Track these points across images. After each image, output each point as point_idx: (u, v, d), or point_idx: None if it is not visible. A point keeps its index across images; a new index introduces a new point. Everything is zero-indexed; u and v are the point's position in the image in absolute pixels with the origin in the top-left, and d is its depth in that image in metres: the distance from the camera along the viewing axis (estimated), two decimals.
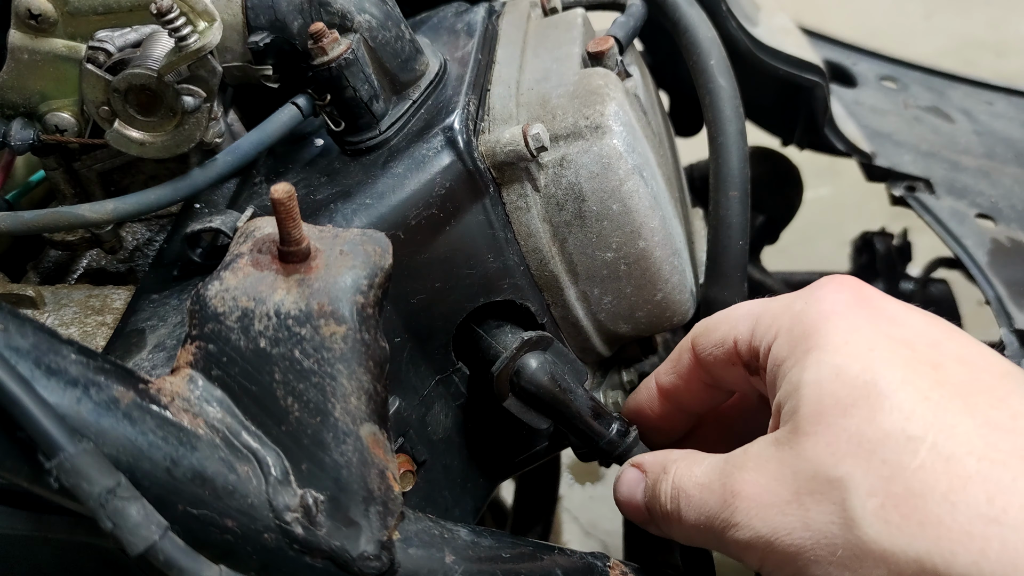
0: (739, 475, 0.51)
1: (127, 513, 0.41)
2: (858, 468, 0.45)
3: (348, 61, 0.63)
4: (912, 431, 0.45)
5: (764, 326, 0.55)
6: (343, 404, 0.49)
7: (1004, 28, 3.07)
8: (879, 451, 0.45)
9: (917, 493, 0.44)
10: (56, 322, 0.64)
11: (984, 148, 1.07)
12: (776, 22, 1.02)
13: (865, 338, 0.49)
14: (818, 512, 0.47)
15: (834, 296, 0.52)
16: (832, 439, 0.47)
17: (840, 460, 0.46)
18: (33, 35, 0.60)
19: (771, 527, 0.48)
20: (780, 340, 0.53)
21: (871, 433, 0.46)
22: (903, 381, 0.47)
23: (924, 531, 0.43)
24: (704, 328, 0.61)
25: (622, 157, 0.64)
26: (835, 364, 0.49)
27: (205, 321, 0.50)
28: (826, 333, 0.50)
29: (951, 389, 0.46)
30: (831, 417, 0.47)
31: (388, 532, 0.50)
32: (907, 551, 0.43)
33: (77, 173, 0.69)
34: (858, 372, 0.48)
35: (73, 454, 0.41)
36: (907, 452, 0.44)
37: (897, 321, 0.51)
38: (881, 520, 0.44)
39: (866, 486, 0.45)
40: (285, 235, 0.50)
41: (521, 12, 0.82)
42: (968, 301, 1.25)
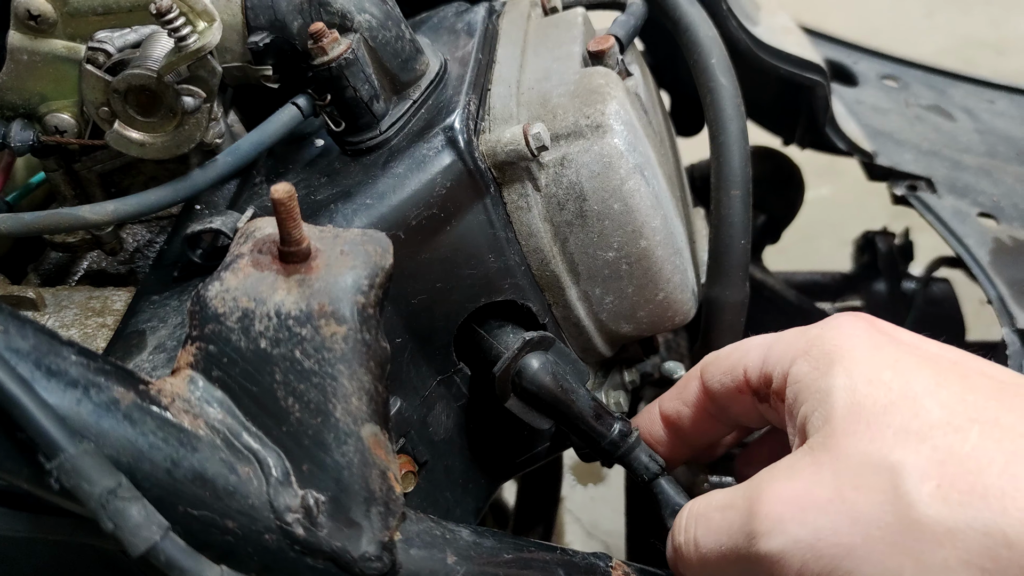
0: (767, 487, 0.49)
1: (128, 514, 0.41)
2: (908, 456, 0.45)
3: (348, 61, 0.63)
4: (957, 422, 0.45)
5: (778, 352, 0.55)
6: (344, 404, 0.49)
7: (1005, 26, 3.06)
8: (928, 440, 0.45)
9: (974, 471, 0.43)
10: (57, 324, 0.64)
11: (986, 147, 1.07)
12: (777, 21, 1.02)
13: (890, 353, 0.50)
14: (868, 504, 0.45)
15: (851, 323, 0.53)
16: (876, 434, 0.46)
17: (889, 451, 0.45)
18: (32, 36, 0.60)
19: (812, 529, 0.46)
20: (799, 362, 0.52)
21: (917, 426, 0.46)
22: (937, 385, 0.47)
23: (988, 503, 0.43)
24: (714, 358, 0.61)
25: (623, 156, 0.64)
26: (865, 372, 0.49)
27: (205, 322, 0.50)
28: (850, 350, 0.50)
29: (983, 393, 0.47)
30: (871, 416, 0.47)
31: (389, 533, 0.50)
32: (972, 525, 0.43)
33: (77, 174, 0.68)
34: (891, 378, 0.48)
35: (74, 455, 0.41)
36: (956, 439, 0.45)
37: (916, 343, 0.51)
38: (940, 500, 0.43)
39: (919, 471, 0.44)
40: (285, 235, 0.50)
41: (521, 11, 0.82)
42: (970, 300, 1.25)
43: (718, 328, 0.76)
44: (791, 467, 0.49)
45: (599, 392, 0.75)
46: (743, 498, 0.51)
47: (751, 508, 0.49)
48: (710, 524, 0.52)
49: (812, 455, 0.49)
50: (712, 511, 0.53)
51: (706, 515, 0.53)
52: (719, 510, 0.52)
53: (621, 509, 1.01)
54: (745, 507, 0.50)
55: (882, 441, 0.46)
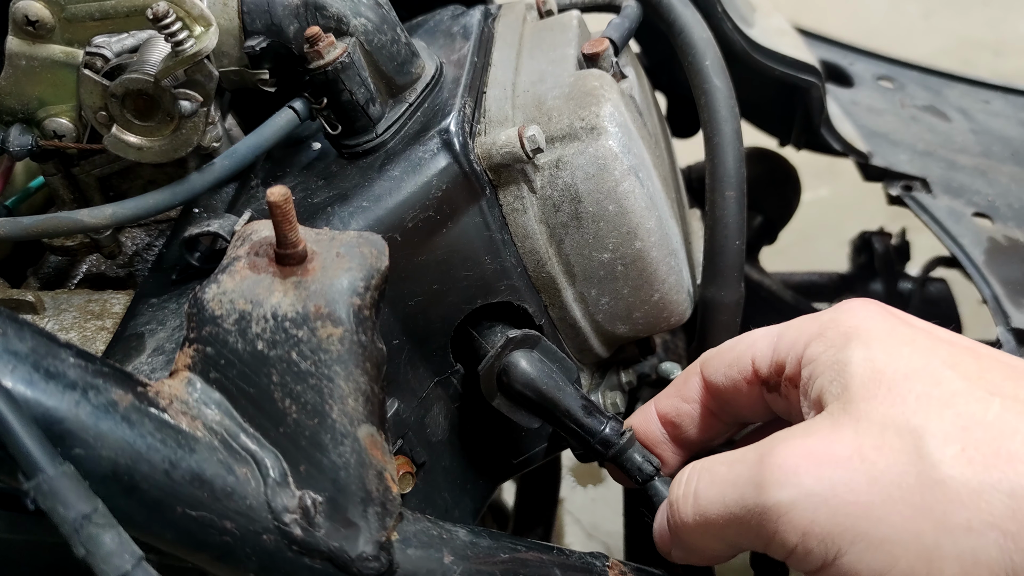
0: (781, 443, 0.48)
1: (101, 540, 0.41)
2: (931, 421, 0.45)
3: (344, 65, 0.63)
4: (978, 393, 0.46)
5: (791, 339, 0.55)
6: (340, 406, 0.49)
7: (1002, 28, 3.07)
8: (951, 406, 0.45)
9: (998, 436, 0.44)
10: (56, 327, 0.64)
11: (981, 147, 1.07)
12: (771, 23, 1.03)
13: (905, 333, 0.50)
14: (889, 464, 0.45)
15: (864, 307, 0.53)
16: (897, 398, 0.46)
17: (911, 414, 0.45)
18: (31, 41, 0.61)
19: (828, 483, 0.45)
20: (815, 344, 0.52)
21: (939, 394, 0.46)
22: (954, 362, 0.47)
23: (1014, 467, 0.43)
24: (716, 352, 0.60)
25: (618, 158, 0.64)
26: (885, 346, 0.49)
27: (203, 324, 0.50)
28: (866, 330, 0.50)
29: (999, 373, 0.47)
30: (892, 382, 0.47)
31: (387, 533, 0.50)
32: (998, 487, 0.43)
33: (76, 178, 0.69)
34: (908, 353, 0.48)
35: (52, 476, 0.41)
36: (979, 408, 0.45)
37: (928, 328, 0.52)
38: (964, 462, 0.43)
39: (942, 434, 0.44)
40: (281, 238, 0.50)
41: (517, 14, 0.82)
42: (967, 301, 1.26)
43: (714, 328, 0.76)
44: (808, 427, 0.49)
45: (595, 393, 0.76)
46: (754, 451, 0.50)
47: (762, 460, 0.48)
48: (715, 476, 0.51)
49: (831, 418, 0.48)
50: (718, 464, 0.52)
51: (711, 468, 0.52)
52: (726, 464, 0.51)
53: (621, 510, 1.01)
54: (755, 459, 0.49)
55: (904, 405, 0.46)
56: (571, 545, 1.70)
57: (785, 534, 0.46)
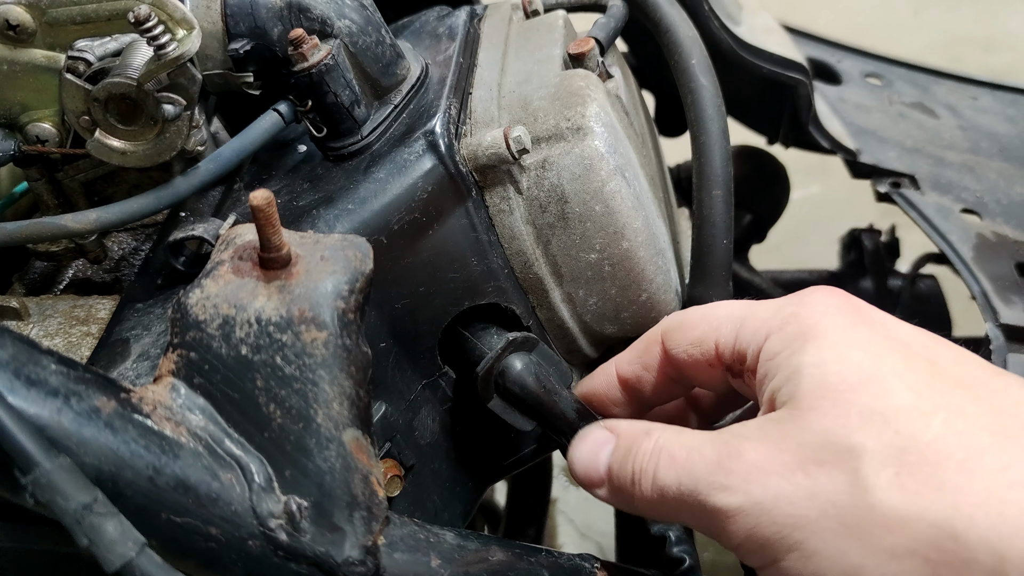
0: (736, 441, 0.50)
1: (103, 529, 0.41)
2: (870, 438, 0.45)
3: (328, 67, 0.63)
4: (924, 407, 0.46)
5: (752, 329, 0.55)
6: (325, 410, 0.49)
7: (992, 24, 3.08)
8: (892, 423, 0.45)
9: (933, 462, 0.44)
10: (41, 333, 0.64)
11: (969, 143, 1.08)
12: (759, 21, 1.03)
13: (862, 334, 0.50)
14: (827, 481, 0.46)
15: (825, 300, 0.53)
16: (841, 412, 0.47)
17: (852, 431, 0.46)
18: (11, 46, 0.60)
19: (772, 494, 0.47)
20: (773, 339, 0.53)
21: (882, 406, 0.46)
22: (906, 369, 0.48)
23: (942, 496, 0.43)
24: (678, 324, 0.60)
25: (604, 158, 0.64)
26: (836, 351, 0.49)
27: (186, 329, 0.50)
28: (824, 328, 0.50)
29: (950, 381, 0.47)
30: (838, 393, 0.47)
31: (373, 537, 0.50)
32: (924, 516, 0.43)
33: (60, 183, 0.68)
34: (861, 357, 0.48)
35: (49, 470, 0.41)
36: (920, 425, 0.45)
37: (889, 324, 0.52)
38: (896, 488, 0.44)
39: (879, 456, 0.45)
40: (265, 241, 0.50)
41: (503, 15, 0.82)
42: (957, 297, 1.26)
43: None
44: (761, 429, 0.50)
45: None
46: (712, 446, 0.51)
47: (720, 460, 0.50)
48: (674, 460, 0.52)
49: (780, 426, 0.49)
50: (677, 447, 0.52)
51: (671, 451, 0.53)
52: (686, 450, 0.52)
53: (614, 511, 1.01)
54: (714, 457, 0.50)
55: (846, 419, 0.46)
56: (564, 545, 1.70)
57: (731, 534, 0.49)
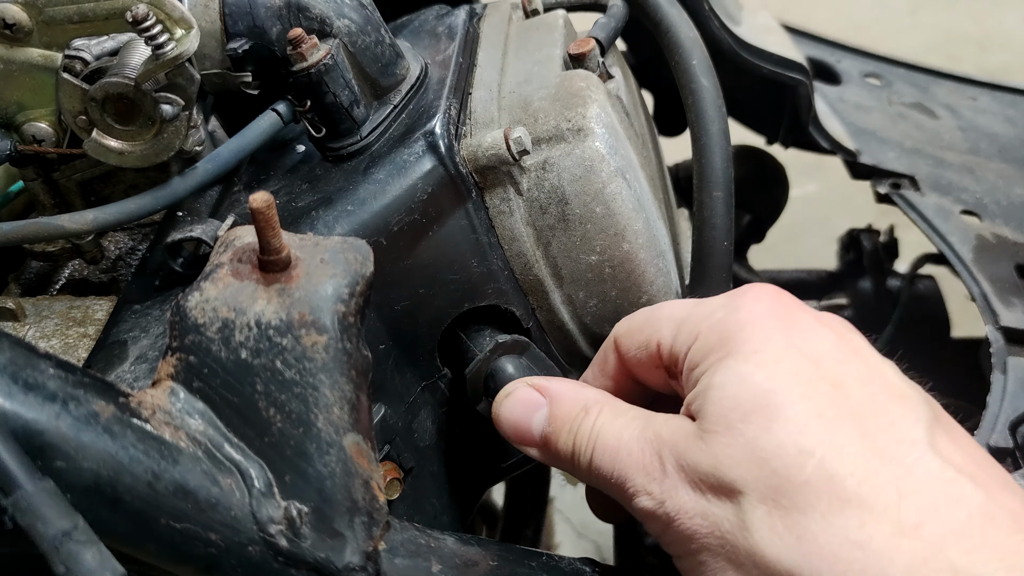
0: (659, 446, 0.52)
1: (81, 558, 0.40)
2: (751, 475, 0.47)
3: (327, 67, 0.63)
4: (803, 444, 0.47)
5: (685, 332, 0.55)
6: (326, 414, 0.49)
7: (988, 22, 3.08)
8: (771, 460, 0.47)
9: (800, 508, 0.46)
10: (37, 334, 0.63)
11: (968, 144, 1.08)
12: (759, 21, 1.02)
13: (775, 349, 0.50)
14: (717, 507, 0.48)
15: (752, 305, 0.53)
16: (731, 442, 0.48)
17: (736, 464, 0.48)
18: (8, 45, 0.60)
19: (677, 506, 0.50)
20: (696, 346, 0.53)
21: (765, 442, 0.47)
22: (802, 396, 0.48)
23: (800, 545, 0.45)
24: (627, 328, 0.60)
25: (604, 159, 0.64)
26: (741, 371, 0.50)
27: (185, 332, 0.49)
28: (739, 341, 0.51)
29: (846, 410, 0.48)
30: (731, 420, 0.49)
31: (373, 542, 0.50)
32: (782, 560, 0.45)
33: (57, 183, 0.68)
34: (761, 381, 0.49)
35: (30, 493, 0.40)
36: (796, 465, 0.46)
37: (809, 335, 0.51)
38: (767, 527, 0.46)
39: (757, 493, 0.47)
40: (265, 244, 0.49)
41: (502, 14, 0.82)
42: (955, 297, 1.26)
43: None
44: (674, 439, 0.51)
45: None
46: (639, 445, 0.53)
47: (645, 466, 0.52)
48: (607, 451, 0.54)
49: (687, 441, 0.51)
50: (612, 439, 0.54)
51: (605, 440, 0.54)
52: (618, 442, 0.54)
53: None
54: (640, 460, 0.52)
55: (732, 452, 0.48)
56: (561, 544, 1.70)
57: (649, 529, 0.53)
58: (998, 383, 0.76)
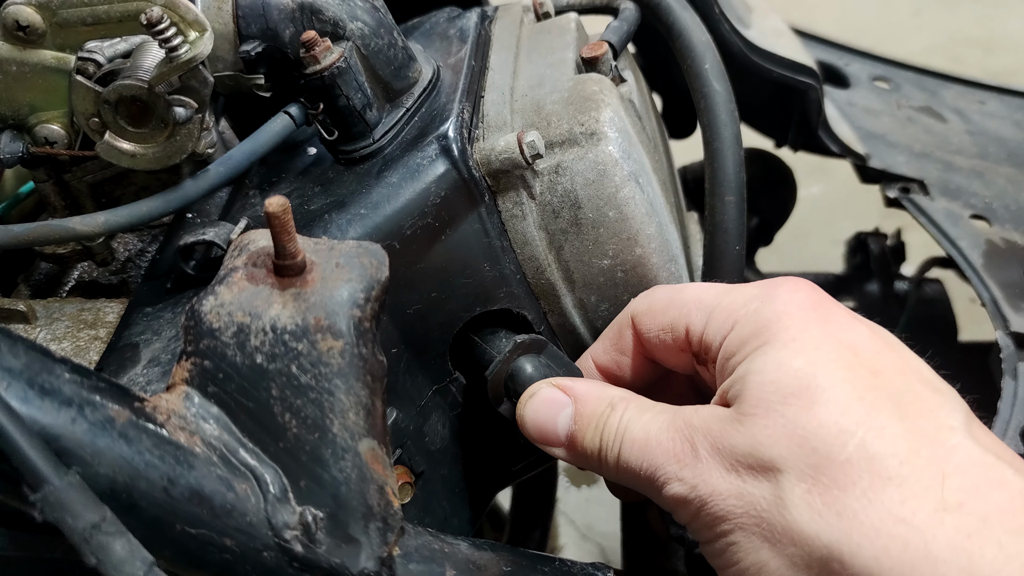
0: (690, 434, 0.52)
1: (112, 548, 0.40)
2: (791, 452, 0.47)
3: (341, 70, 0.62)
4: (844, 424, 0.47)
5: (719, 322, 0.55)
6: (341, 420, 0.48)
7: (992, 24, 3.08)
8: (812, 439, 0.47)
9: (840, 485, 0.46)
10: (49, 336, 0.63)
11: (977, 148, 1.07)
12: (769, 24, 1.02)
13: (813, 337, 0.51)
14: (753, 487, 0.49)
15: (789, 296, 0.54)
16: (770, 423, 0.49)
17: (776, 443, 0.48)
18: (21, 47, 0.60)
19: (711, 490, 0.50)
20: (733, 335, 0.54)
21: (806, 421, 0.48)
22: (842, 380, 0.49)
23: (840, 521, 0.45)
24: (647, 308, 0.61)
25: (618, 164, 0.64)
26: (780, 357, 0.50)
27: (200, 337, 0.49)
28: (777, 331, 0.51)
29: (885, 394, 0.48)
30: (771, 403, 0.49)
31: (388, 548, 0.50)
32: (821, 536, 0.46)
33: (67, 185, 0.68)
34: (800, 365, 0.49)
35: (58, 487, 0.40)
36: (837, 444, 0.47)
37: (845, 327, 0.52)
38: (806, 504, 0.46)
39: (797, 471, 0.47)
40: (280, 249, 0.49)
41: (514, 17, 0.81)
42: (960, 298, 1.26)
43: None
44: (709, 425, 0.52)
45: None
46: (669, 435, 0.53)
47: (676, 453, 0.52)
48: (635, 444, 0.54)
49: (722, 424, 0.51)
50: (640, 431, 0.54)
51: (633, 434, 0.55)
52: (647, 434, 0.54)
53: (616, 511, 1.01)
54: (671, 448, 0.53)
55: (771, 432, 0.48)
56: (565, 546, 1.69)
57: (680, 515, 0.53)
58: (1009, 389, 0.76)
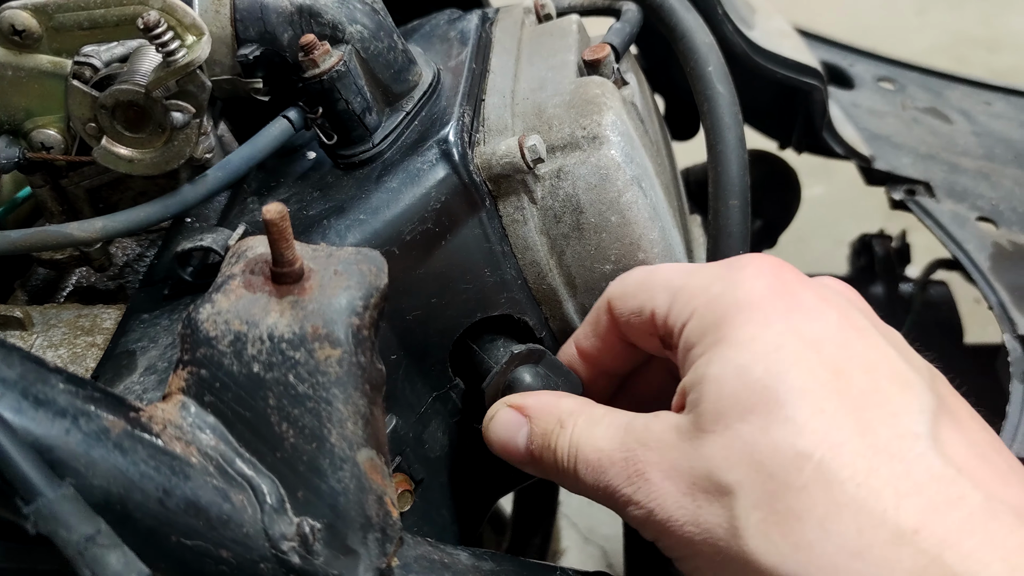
0: (642, 453, 0.51)
1: (106, 562, 0.39)
2: (747, 478, 0.46)
3: (340, 73, 0.62)
4: (801, 446, 0.45)
5: (681, 304, 0.53)
6: (339, 429, 0.48)
7: (996, 24, 3.06)
8: (768, 464, 0.45)
9: (797, 514, 0.44)
10: (45, 343, 0.63)
11: (983, 149, 1.06)
12: (772, 24, 1.01)
13: (774, 335, 0.48)
14: (709, 513, 0.47)
15: (751, 282, 0.51)
16: (727, 443, 0.47)
17: (732, 467, 0.46)
18: (17, 51, 0.59)
19: (666, 514, 0.49)
20: (692, 323, 0.52)
21: (763, 444, 0.46)
22: (802, 390, 0.46)
23: (797, 554, 0.44)
24: (621, 291, 0.59)
25: (620, 168, 0.63)
26: (739, 363, 0.48)
27: (197, 346, 0.48)
28: (737, 325, 0.49)
29: (848, 401, 0.46)
30: (729, 419, 0.47)
31: (387, 559, 0.49)
32: (779, 569, 0.44)
33: (64, 190, 0.67)
34: (760, 375, 0.47)
35: (52, 499, 0.39)
36: (794, 469, 0.45)
37: (811, 316, 0.50)
38: (762, 534, 0.45)
39: (753, 498, 0.45)
40: (278, 256, 0.48)
41: (515, 19, 0.81)
42: (964, 300, 1.25)
43: None
44: (662, 441, 0.50)
45: None
46: (621, 456, 0.51)
47: (628, 475, 0.51)
48: (588, 464, 0.53)
49: (680, 440, 0.49)
50: (591, 451, 0.53)
51: (585, 455, 0.53)
52: (598, 454, 0.53)
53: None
54: (623, 469, 0.51)
55: (728, 454, 0.47)
56: (567, 549, 1.69)
57: (644, 535, 0.52)
58: (1017, 392, 0.75)
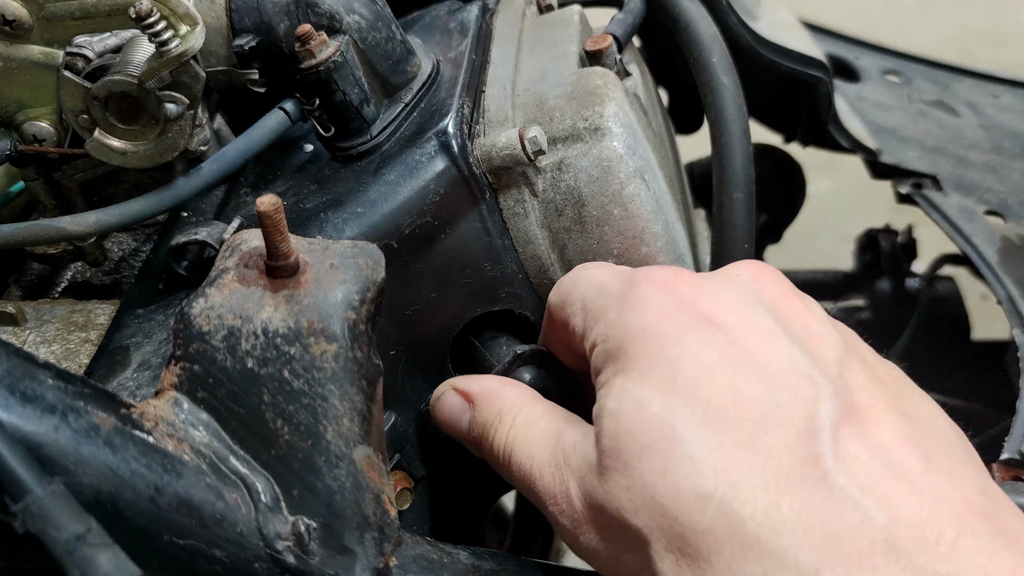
0: (567, 473, 0.50)
1: (96, 561, 0.38)
2: (655, 522, 0.45)
3: (337, 64, 0.61)
4: (702, 487, 0.44)
5: (590, 326, 0.53)
6: (335, 426, 0.47)
7: (1003, 17, 3.05)
8: (671, 508, 0.44)
9: (705, 557, 0.43)
10: (38, 339, 0.62)
11: (991, 142, 1.05)
12: (777, 16, 1.00)
13: (669, 364, 0.47)
14: (627, 558, 0.47)
15: (644, 305, 0.49)
16: (630, 485, 0.46)
17: (638, 511, 0.45)
18: (8, 42, 0.58)
19: (590, 551, 0.49)
20: (598, 349, 0.51)
21: (664, 487, 0.45)
22: (699, 425, 0.45)
23: None
24: (556, 299, 0.58)
25: (623, 160, 0.62)
26: (637, 397, 0.47)
27: (190, 341, 0.47)
28: (635, 356, 0.48)
29: (746, 432, 0.44)
30: (628, 457, 0.46)
31: (384, 559, 0.48)
32: None
33: (58, 183, 0.66)
34: (657, 410, 0.46)
35: (41, 497, 0.38)
36: (696, 512, 0.44)
37: (706, 336, 0.48)
38: None
39: (663, 542, 0.45)
40: (272, 249, 0.47)
41: (516, 9, 0.80)
42: (971, 295, 1.24)
43: None
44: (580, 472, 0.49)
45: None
46: (550, 473, 0.51)
47: (554, 496, 0.50)
48: (520, 468, 0.53)
49: (591, 475, 0.48)
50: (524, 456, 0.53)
51: (518, 457, 0.53)
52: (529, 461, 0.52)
53: None
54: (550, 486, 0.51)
55: (634, 495, 0.45)
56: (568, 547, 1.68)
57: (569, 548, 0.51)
58: None
